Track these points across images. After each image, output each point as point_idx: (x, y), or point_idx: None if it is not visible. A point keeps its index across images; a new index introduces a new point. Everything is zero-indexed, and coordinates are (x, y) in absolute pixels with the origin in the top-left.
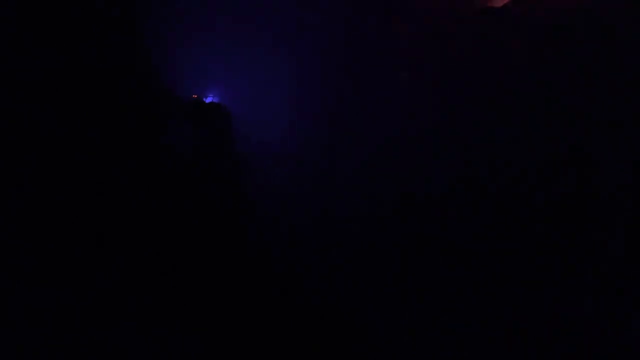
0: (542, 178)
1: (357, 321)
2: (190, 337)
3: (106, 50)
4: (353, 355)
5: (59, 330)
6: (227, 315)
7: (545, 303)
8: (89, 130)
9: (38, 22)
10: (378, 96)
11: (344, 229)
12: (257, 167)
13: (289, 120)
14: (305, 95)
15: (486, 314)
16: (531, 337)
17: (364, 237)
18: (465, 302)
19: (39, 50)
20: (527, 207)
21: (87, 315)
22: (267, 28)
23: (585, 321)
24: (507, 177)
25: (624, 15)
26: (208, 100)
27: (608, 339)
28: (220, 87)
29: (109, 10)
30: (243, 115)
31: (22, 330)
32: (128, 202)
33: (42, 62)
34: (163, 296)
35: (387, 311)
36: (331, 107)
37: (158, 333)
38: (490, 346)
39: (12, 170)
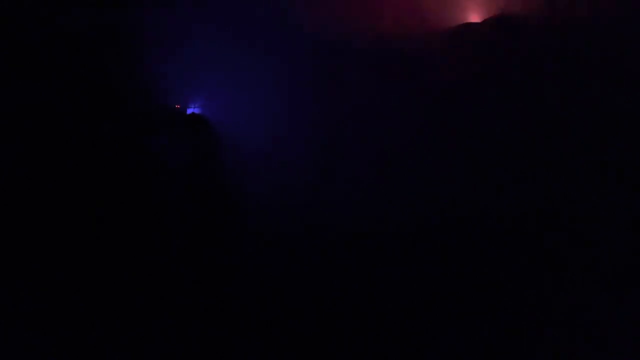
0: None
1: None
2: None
3: (91, 63)
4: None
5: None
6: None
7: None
8: (72, 139)
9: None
10: (364, 105)
11: (332, 235)
12: (240, 177)
13: (273, 130)
14: (289, 105)
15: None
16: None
17: (352, 245)
18: (460, 303)
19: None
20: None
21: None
22: (252, 39)
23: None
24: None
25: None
26: (190, 111)
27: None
28: (203, 98)
29: (96, 25)
30: (226, 126)
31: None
32: (112, 210)
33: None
34: (155, 299)
35: (379, 312)
36: (315, 118)
37: (152, 333)
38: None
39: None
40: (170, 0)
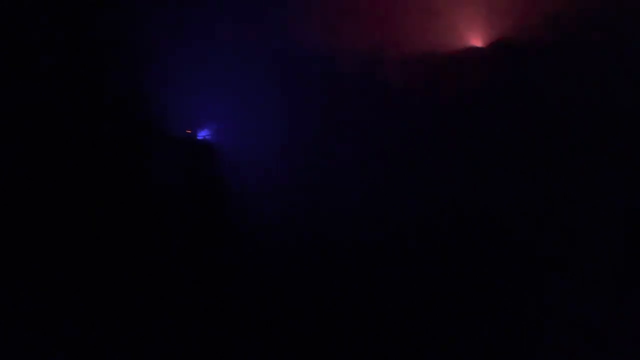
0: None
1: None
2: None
3: (102, 87)
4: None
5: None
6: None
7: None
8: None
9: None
10: (369, 133)
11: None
12: (248, 202)
13: (281, 156)
14: (297, 133)
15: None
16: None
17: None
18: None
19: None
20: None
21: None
22: (261, 66)
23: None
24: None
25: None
26: (200, 136)
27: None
28: (214, 124)
29: (105, 48)
30: (236, 152)
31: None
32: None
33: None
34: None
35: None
36: (323, 143)
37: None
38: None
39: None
40: (185, 31)
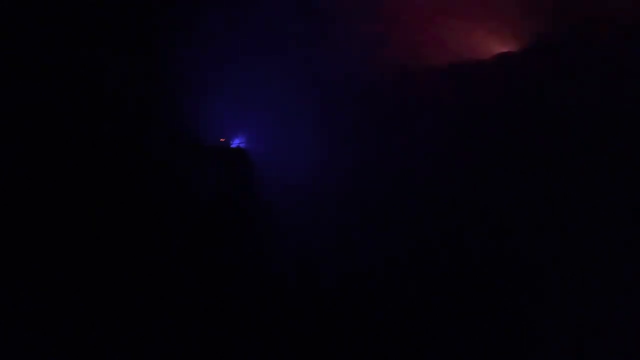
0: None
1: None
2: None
3: (134, 96)
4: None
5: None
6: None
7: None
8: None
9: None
10: (402, 138)
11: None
12: (281, 211)
13: (315, 164)
14: (332, 140)
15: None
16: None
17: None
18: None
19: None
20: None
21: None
22: (296, 72)
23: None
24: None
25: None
26: (234, 144)
27: None
28: (247, 132)
29: (136, 56)
30: (269, 160)
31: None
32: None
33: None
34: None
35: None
36: (359, 151)
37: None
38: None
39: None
40: (217, 40)
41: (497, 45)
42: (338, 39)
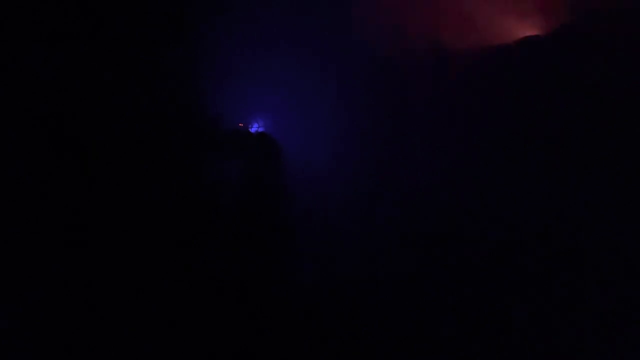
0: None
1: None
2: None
3: (153, 83)
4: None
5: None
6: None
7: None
8: (135, 156)
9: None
10: (423, 127)
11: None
12: (302, 196)
13: (336, 149)
14: (352, 124)
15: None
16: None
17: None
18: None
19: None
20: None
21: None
22: (315, 57)
23: None
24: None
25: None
26: (254, 129)
27: None
28: (266, 116)
29: (155, 43)
30: (289, 144)
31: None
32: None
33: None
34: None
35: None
36: (378, 136)
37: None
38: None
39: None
40: (236, 25)
41: (525, 30)
42: (361, 23)
